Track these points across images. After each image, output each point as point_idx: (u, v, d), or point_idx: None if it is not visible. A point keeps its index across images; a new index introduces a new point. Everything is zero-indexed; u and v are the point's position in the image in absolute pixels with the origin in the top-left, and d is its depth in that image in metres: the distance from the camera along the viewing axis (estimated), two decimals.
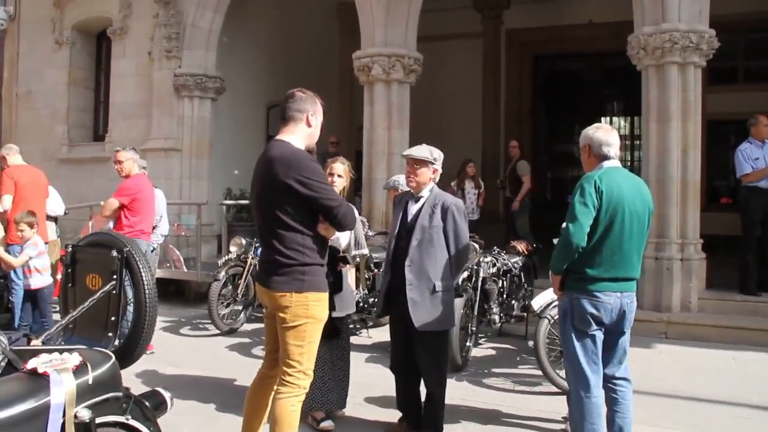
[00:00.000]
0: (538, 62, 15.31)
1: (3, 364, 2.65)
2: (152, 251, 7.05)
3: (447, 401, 4.47)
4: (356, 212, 3.64)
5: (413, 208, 4.36)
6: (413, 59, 9.32)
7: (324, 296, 3.49)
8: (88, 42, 12.62)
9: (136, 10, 11.30)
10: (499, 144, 13.76)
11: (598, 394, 3.70)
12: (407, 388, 4.48)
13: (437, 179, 4.44)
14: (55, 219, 8.04)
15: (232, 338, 7.37)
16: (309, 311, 3.39)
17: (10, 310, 6.78)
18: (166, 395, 3.03)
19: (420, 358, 4.29)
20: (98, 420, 2.52)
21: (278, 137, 3.53)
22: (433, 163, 4.34)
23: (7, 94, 13.12)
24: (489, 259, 6.63)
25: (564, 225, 3.70)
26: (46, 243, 6.85)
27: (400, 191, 5.30)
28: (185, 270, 9.33)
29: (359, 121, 10.05)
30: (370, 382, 5.51)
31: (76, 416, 2.43)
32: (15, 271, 6.59)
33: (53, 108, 12.35)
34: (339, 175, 4.69)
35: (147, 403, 2.89)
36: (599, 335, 3.70)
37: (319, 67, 13.09)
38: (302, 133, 3.53)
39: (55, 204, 8.03)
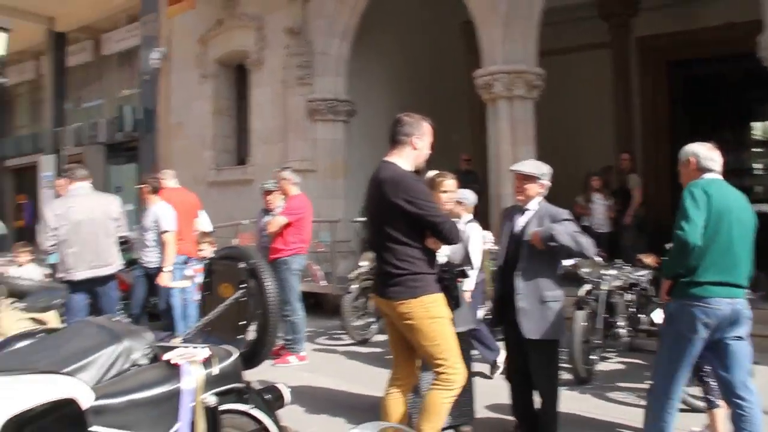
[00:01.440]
0: (672, 69, 14.60)
1: (150, 356, 3.08)
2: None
3: (567, 411, 4.50)
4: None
5: (521, 220, 4.46)
6: (535, 75, 9.33)
7: (439, 297, 3.75)
8: (229, 74, 13.66)
9: (270, 43, 12.09)
10: (635, 156, 13.30)
11: (676, 398, 3.88)
12: (521, 396, 4.56)
13: (545, 193, 4.53)
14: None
15: (364, 348, 7.74)
16: (429, 312, 3.66)
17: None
18: (285, 391, 3.36)
19: (531, 366, 4.37)
20: (222, 407, 2.88)
21: (387, 158, 3.87)
22: (539, 178, 4.45)
23: (163, 125, 14.44)
24: (613, 272, 6.53)
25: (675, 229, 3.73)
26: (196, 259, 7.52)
27: (463, 205, 5.52)
28: (323, 284, 9.85)
29: None
30: (495, 390, 5.59)
31: (203, 401, 2.81)
32: None
33: (201, 136, 13.41)
34: (451, 191, 4.88)
35: (267, 396, 3.22)
36: (700, 345, 3.74)
37: (447, 85, 13.31)
38: (409, 155, 3.85)
39: (204, 224, 8.79)
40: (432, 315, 3.66)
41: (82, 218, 5.82)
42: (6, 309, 4.68)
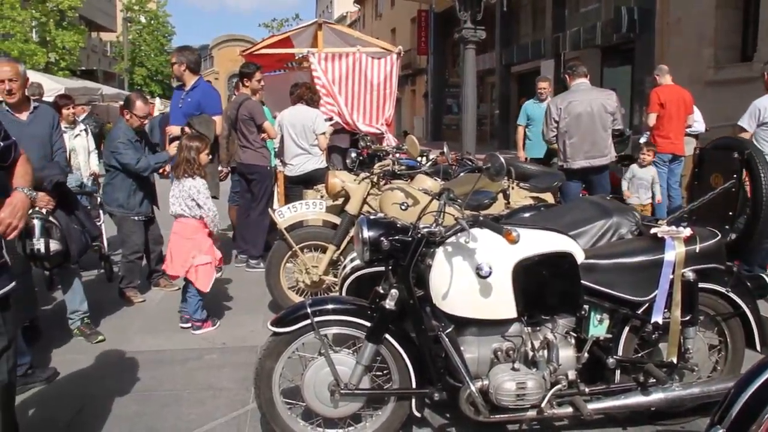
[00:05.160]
0: None
1: (635, 232, 3.40)
2: None
3: None
4: None
5: None
6: None
7: None
8: None
9: None
10: None
11: None
12: None
13: None
14: (696, 137, 8.53)
15: None
16: None
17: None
18: None
19: None
20: (701, 285, 3.04)
21: None
22: None
23: (660, 22, 14.08)
24: None
25: None
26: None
27: None
28: None
29: None
30: None
31: (683, 275, 3.01)
32: None
33: (700, 32, 12.72)
34: None
35: (748, 283, 3.23)
36: None
37: None
38: None
39: (698, 123, 8.54)
40: None
41: (581, 111, 6.29)
42: (514, 187, 5.50)
